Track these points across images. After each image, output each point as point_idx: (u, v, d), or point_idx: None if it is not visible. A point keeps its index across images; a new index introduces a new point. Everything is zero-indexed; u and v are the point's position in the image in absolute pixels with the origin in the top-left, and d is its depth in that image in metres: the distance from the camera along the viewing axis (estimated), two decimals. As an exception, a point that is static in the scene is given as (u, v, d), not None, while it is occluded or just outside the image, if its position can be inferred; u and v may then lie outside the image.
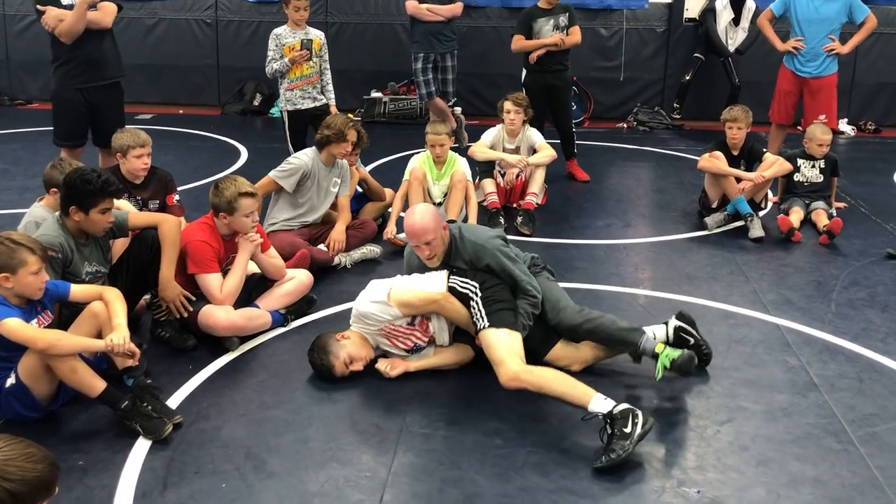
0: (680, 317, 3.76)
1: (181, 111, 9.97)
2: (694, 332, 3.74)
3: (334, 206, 5.23)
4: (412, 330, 3.68)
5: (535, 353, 3.58)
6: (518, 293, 3.64)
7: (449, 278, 3.67)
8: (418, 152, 7.65)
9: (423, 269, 3.85)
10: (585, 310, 3.74)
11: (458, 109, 8.38)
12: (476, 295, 3.56)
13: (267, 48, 6.27)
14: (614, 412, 3.08)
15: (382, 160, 7.58)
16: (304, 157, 5.06)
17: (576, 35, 6.85)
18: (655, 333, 3.73)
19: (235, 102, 10.03)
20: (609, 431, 3.07)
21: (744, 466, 3.06)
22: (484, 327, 3.46)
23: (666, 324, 3.77)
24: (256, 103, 9.95)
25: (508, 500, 2.88)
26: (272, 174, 5.01)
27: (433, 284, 3.67)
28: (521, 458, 3.12)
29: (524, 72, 7.07)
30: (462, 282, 3.63)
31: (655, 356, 3.56)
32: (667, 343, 3.68)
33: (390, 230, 5.30)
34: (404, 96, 9.60)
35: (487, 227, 4.11)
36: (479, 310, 3.52)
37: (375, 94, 9.61)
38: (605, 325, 3.65)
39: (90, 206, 3.57)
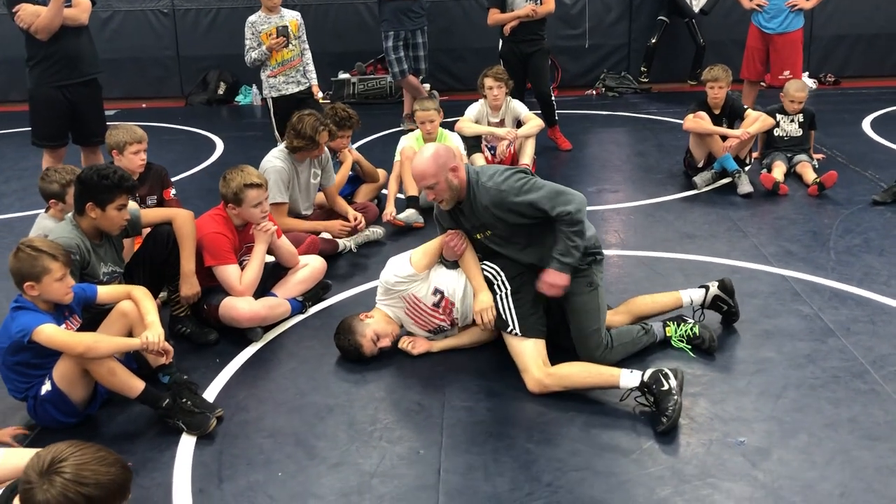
0: (722, 286, 3.81)
1: (144, 105, 9.76)
2: (730, 300, 3.80)
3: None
4: (436, 311, 3.70)
5: (560, 330, 3.58)
6: (556, 223, 3.36)
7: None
8: (399, 131, 7.67)
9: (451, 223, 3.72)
10: (602, 343, 3.50)
11: (426, 86, 8.36)
12: (505, 288, 3.53)
13: (243, 36, 6.17)
14: (645, 380, 3.17)
15: (359, 142, 7.52)
16: (277, 163, 4.76)
17: (549, 4, 6.88)
18: (693, 298, 3.81)
19: (199, 92, 9.85)
20: (650, 398, 3.14)
21: (781, 414, 3.17)
22: (514, 334, 3.45)
23: (706, 289, 3.83)
24: (221, 92, 9.78)
25: (562, 463, 2.94)
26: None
27: (457, 277, 3.68)
28: (565, 422, 3.18)
29: (500, 42, 7.08)
30: (487, 265, 3.61)
31: (668, 339, 3.67)
32: (702, 305, 3.80)
33: (389, 211, 5.29)
34: (372, 76, 9.54)
35: (505, 166, 3.72)
36: (509, 310, 3.48)
37: (343, 76, 9.53)
38: (623, 345, 3.57)
39: (107, 201, 3.50)
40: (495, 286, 3.56)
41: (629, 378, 3.22)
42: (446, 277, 3.70)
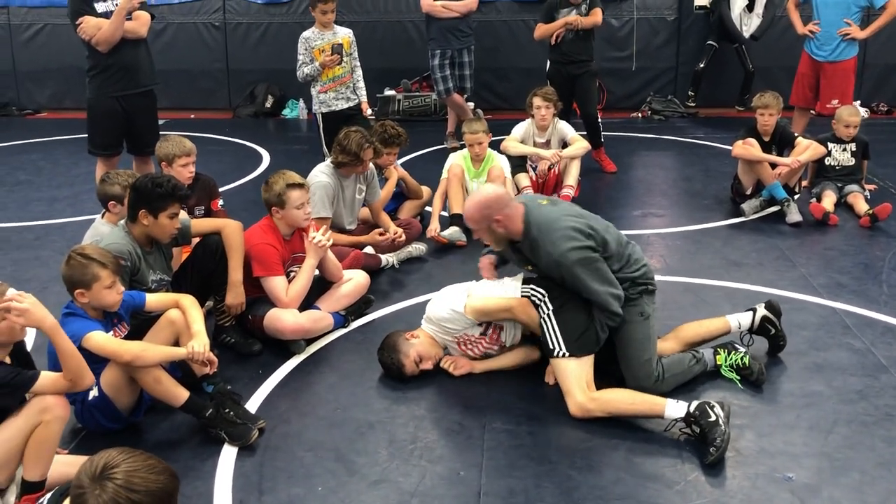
0: (769, 307, 3.77)
1: (192, 116, 9.91)
2: (777, 322, 3.75)
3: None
4: (482, 339, 3.68)
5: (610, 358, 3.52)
6: (594, 307, 3.41)
7: (522, 287, 3.60)
8: (443, 149, 7.69)
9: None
10: (654, 374, 3.44)
11: (471, 104, 8.38)
12: (548, 308, 3.44)
13: (291, 51, 6.25)
14: (691, 411, 3.12)
15: (403, 159, 7.54)
16: (323, 178, 4.80)
17: (596, 16, 6.81)
18: (741, 322, 3.76)
19: (247, 105, 9.98)
20: (696, 429, 3.09)
21: (832, 450, 3.09)
22: (562, 355, 3.35)
23: (753, 311, 3.78)
24: (268, 105, 9.90)
25: (604, 492, 2.90)
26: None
27: (507, 292, 3.62)
28: (608, 449, 3.13)
29: (548, 64, 7.07)
30: (533, 289, 3.53)
31: (718, 367, 3.60)
32: (750, 330, 3.74)
33: (433, 228, 5.29)
34: (418, 93, 9.59)
35: (579, 232, 3.38)
36: (553, 331, 3.39)
37: (389, 92, 9.60)
38: (674, 375, 3.51)
39: (160, 209, 3.56)
40: (540, 308, 3.50)
41: (675, 408, 3.17)
42: None
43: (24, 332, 2.84)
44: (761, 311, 3.76)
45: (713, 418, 3.06)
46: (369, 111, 6.57)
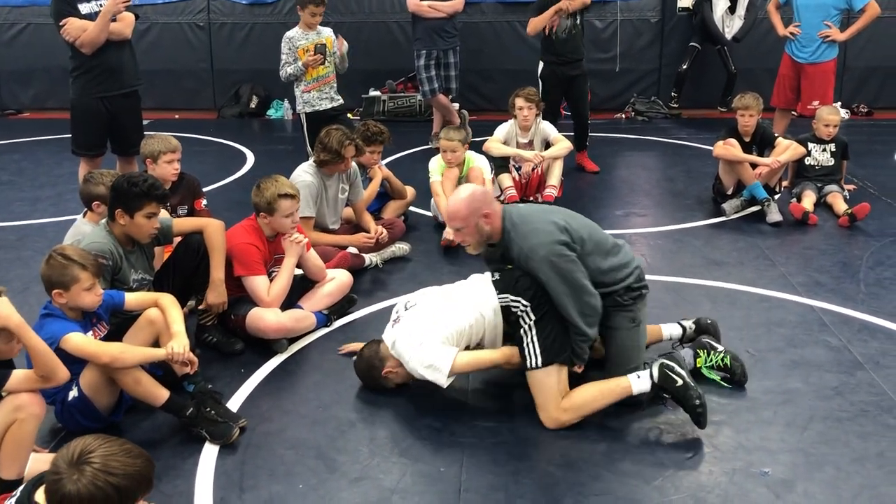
0: (700, 329, 3.82)
1: (177, 116, 9.89)
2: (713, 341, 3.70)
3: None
4: None
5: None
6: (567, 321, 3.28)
7: (498, 290, 3.36)
8: (428, 149, 7.70)
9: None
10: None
11: (455, 105, 8.40)
12: (529, 319, 3.27)
13: (276, 51, 6.25)
14: (656, 381, 3.21)
15: (387, 159, 7.55)
16: (306, 177, 4.82)
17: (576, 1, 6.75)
18: (672, 334, 3.82)
19: (232, 105, 9.97)
20: (668, 396, 3.22)
21: (807, 446, 3.13)
22: (537, 365, 3.23)
23: (684, 329, 3.84)
24: (253, 105, 9.90)
25: (583, 488, 2.92)
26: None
27: (478, 294, 3.43)
28: (587, 446, 3.16)
29: (541, 64, 7.06)
30: (514, 300, 3.30)
31: (698, 369, 3.57)
32: (681, 341, 3.82)
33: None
34: (402, 94, 9.60)
35: (555, 226, 3.33)
36: (532, 343, 3.25)
37: (374, 93, 9.61)
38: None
39: (136, 209, 3.54)
40: (521, 320, 3.31)
41: (640, 383, 3.24)
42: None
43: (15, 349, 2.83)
44: (690, 332, 3.81)
45: (680, 383, 3.16)
46: (344, 45, 6.32)
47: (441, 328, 3.34)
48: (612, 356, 3.46)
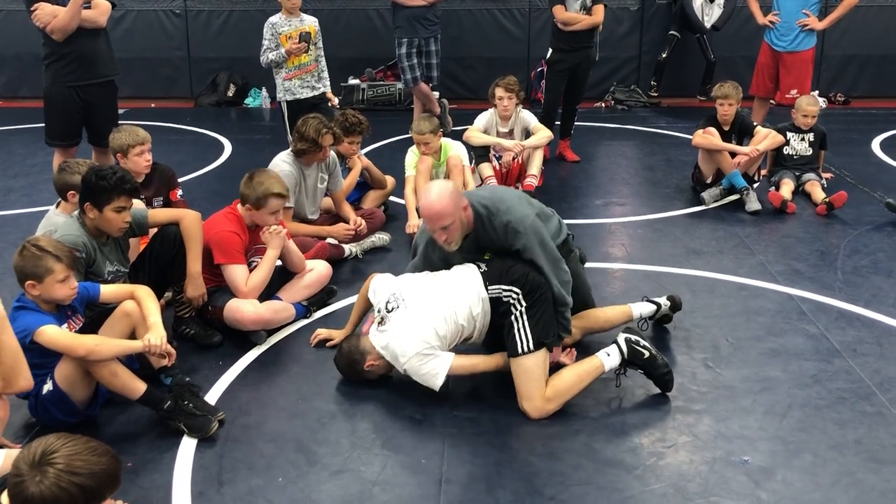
0: (672, 305, 4.00)
1: (153, 105, 9.76)
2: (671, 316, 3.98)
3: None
4: None
5: None
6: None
7: (488, 282, 3.37)
8: (408, 138, 7.64)
9: (443, 259, 3.58)
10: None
11: (436, 94, 8.35)
12: (520, 306, 3.31)
13: (254, 39, 6.19)
14: (626, 356, 3.39)
15: (367, 148, 7.51)
16: (285, 167, 4.77)
17: (598, 15, 6.80)
18: (642, 312, 3.94)
19: (209, 94, 9.85)
20: (637, 368, 3.40)
21: (786, 434, 3.15)
22: (526, 351, 3.26)
23: (658, 306, 3.98)
24: (231, 94, 9.78)
25: (565, 478, 2.92)
26: None
27: (462, 292, 3.38)
28: (568, 436, 3.16)
29: (549, 50, 7.01)
30: (506, 289, 3.33)
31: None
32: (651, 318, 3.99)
33: (413, 224, 5.11)
34: (382, 82, 9.54)
35: (524, 199, 3.55)
36: (522, 328, 3.29)
37: (353, 81, 9.54)
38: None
39: (104, 203, 3.47)
40: (513, 307, 3.33)
41: (610, 360, 3.39)
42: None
43: None
44: (665, 309, 3.98)
45: (647, 354, 3.38)
46: (336, 100, 6.50)
47: (434, 334, 3.31)
48: (579, 292, 3.67)
